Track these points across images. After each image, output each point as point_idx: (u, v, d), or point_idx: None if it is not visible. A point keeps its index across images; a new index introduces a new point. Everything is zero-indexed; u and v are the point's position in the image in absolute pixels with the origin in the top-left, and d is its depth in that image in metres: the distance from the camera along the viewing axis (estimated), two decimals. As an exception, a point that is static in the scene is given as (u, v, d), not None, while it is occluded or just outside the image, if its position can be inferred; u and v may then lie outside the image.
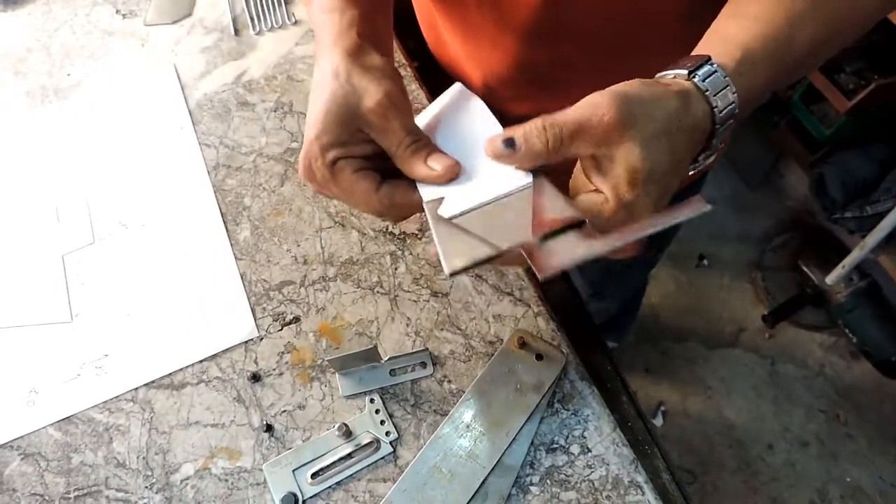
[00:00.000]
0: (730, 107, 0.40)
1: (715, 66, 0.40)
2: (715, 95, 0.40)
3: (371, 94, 0.42)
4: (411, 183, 0.45)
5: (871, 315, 1.55)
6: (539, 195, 0.40)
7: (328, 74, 0.44)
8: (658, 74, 0.42)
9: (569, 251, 0.37)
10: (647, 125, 0.37)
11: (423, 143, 0.44)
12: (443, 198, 0.42)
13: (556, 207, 0.38)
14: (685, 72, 0.40)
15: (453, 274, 0.37)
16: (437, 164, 0.43)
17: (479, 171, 0.43)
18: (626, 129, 0.37)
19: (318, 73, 0.46)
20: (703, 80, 0.39)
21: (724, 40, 0.42)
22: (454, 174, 0.43)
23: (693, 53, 0.42)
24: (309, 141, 0.44)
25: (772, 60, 0.42)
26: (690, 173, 0.44)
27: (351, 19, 0.46)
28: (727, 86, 0.40)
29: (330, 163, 0.43)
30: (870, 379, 1.66)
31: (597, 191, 0.40)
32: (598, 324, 0.67)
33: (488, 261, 0.38)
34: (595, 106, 0.37)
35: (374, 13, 0.49)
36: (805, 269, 1.67)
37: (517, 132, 0.39)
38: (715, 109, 0.40)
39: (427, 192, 0.43)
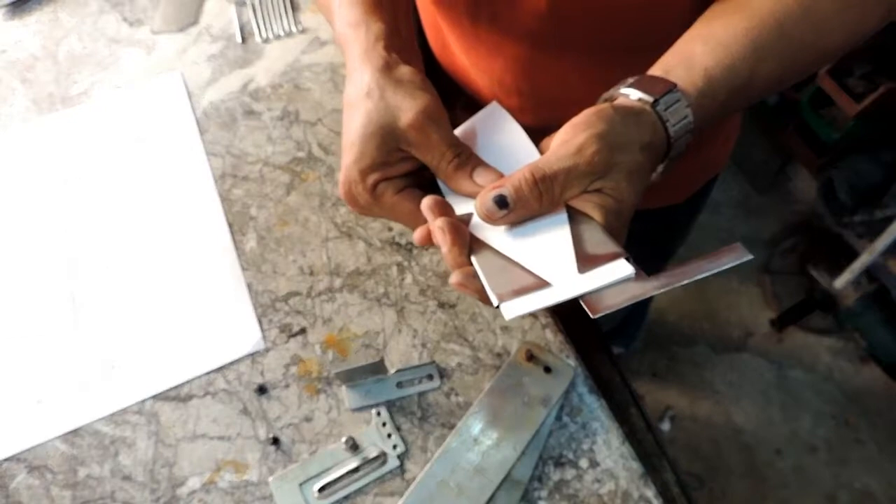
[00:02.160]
0: (684, 136, 0.42)
1: (678, 94, 0.41)
2: (675, 126, 0.41)
3: (406, 110, 0.42)
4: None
5: (880, 319, 1.55)
6: (575, 225, 0.39)
7: (361, 94, 0.43)
8: (624, 89, 0.43)
9: (621, 290, 0.36)
10: (628, 163, 0.39)
11: (466, 155, 0.44)
12: (472, 213, 0.42)
13: (596, 242, 0.38)
14: (651, 98, 0.40)
15: (499, 306, 0.37)
16: (483, 180, 0.43)
17: None
18: (609, 170, 0.38)
19: (349, 91, 0.45)
20: (666, 109, 0.40)
21: (689, 66, 0.43)
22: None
23: (659, 74, 0.43)
24: (347, 166, 0.43)
25: (731, 91, 0.43)
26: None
27: (377, 33, 0.45)
28: (686, 116, 0.41)
29: (371, 187, 0.43)
30: (879, 383, 1.65)
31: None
32: (605, 330, 0.67)
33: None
34: (580, 150, 0.38)
35: (398, 24, 0.48)
36: (813, 273, 1.66)
37: (507, 187, 0.38)
38: (671, 140, 0.41)
39: (458, 207, 0.43)
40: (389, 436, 0.55)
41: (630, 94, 0.42)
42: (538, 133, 0.47)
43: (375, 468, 0.53)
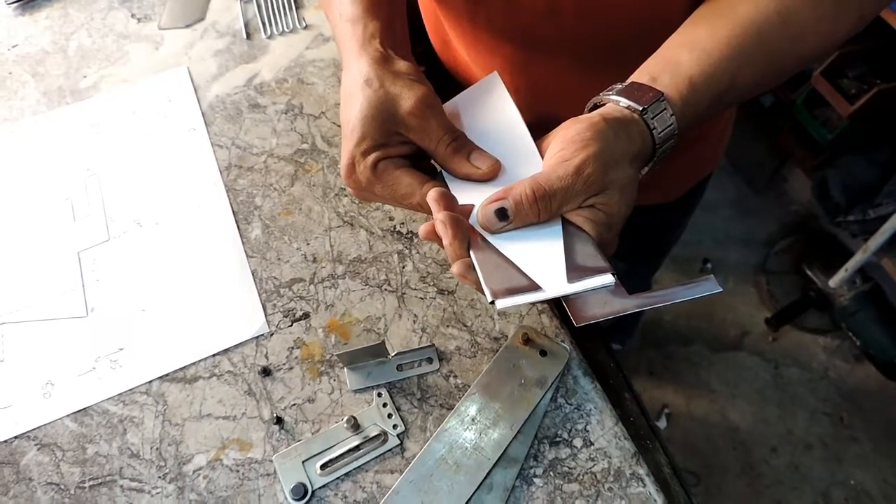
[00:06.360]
0: (668, 142, 0.44)
1: (665, 104, 0.43)
2: (661, 133, 0.43)
3: (406, 97, 0.44)
4: None
5: (874, 318, 1.56)
6: (568, 235, 0.42)
7: (360, 83, 0.46)
8: (613, 96, 0.45)
9: (604, 304, 0.40)
10: (620, 179, 0.42)
11: (463, 140, 0.46)
12: (473, 205, 0.44)
13: (586, 254, 0.41)
14: (639, 107, 0.43)
15: (493, 303, 0.40)
16: (481, 164, 0.45)
17: (502, 175, 0.46)
18: (604, 188, 0.42)
19: (347, 81, 0.47)
20: (653, 118, 0.43)
21: (675, 73, 0.45)
22: (496, 173, 0.46)
23: (645, 81, 0.45)
24: (349, 149, 0.46)
25: (713, 98, 0.45)
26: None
27: (373, 31, 0.48)
28: (671, 124, 0.43)
29: (373, 164, 0.45)
30: (873, 382, 1.67)
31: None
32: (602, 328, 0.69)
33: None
34: (578, 171, 0.40)
35: (394, 23, 0.51)
36: (808, 272, 1.68)
37: (508, 200, 0.41)
38: (657, 146, 0.44)
39: (461, 197, 0.45)
40: (390, 416, 0.56)
41: (619, 102, 0.44)
42: (535, 128, 0.49)
43: (376, 447, 0.55)
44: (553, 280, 0.40)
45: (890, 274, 1.50)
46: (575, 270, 0.40)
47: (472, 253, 0.42)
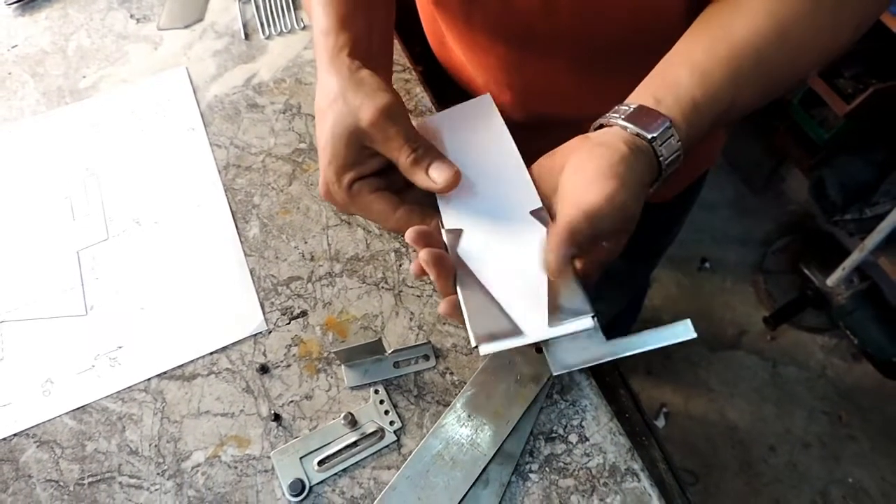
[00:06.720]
0: (673, 167, 0.44)
1: (672, 130, 0.43)
2: (667, 160, 0.43)
3: (366, 108, 0.44)
4: (430, 205, 0.47)
5: (871, 316, 1.57)
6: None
7: (328, 100, 0.46)
8: (621, 121, 0.44)
9: (581, 351, 0.41)
10: (632, 229, 0.43)
11: (424, 150, 0.45)
12: (461, 230, 0.44)
13: (569, 294, 0.41)
14: (649, 135, 0.43)
15: (476, 347, 0.41)
16: (437, 176, 0.45)
17: (492, 198, 0.46)
18: (625, 233, 0.43)
19: (319, 98, 0.47)
20: (661, 145, 0.43)
21: (678, 96, 0.44)
22: (454, 185, 0.45)
23: (650, 104, 0.44)
24: (324, 167, 0.46)
25: (714, 119, 0.45)
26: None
27: (344, 42, 0.48)
28: (677, 150, 0.43)
29: (347, 186, 0.45)
30: (871, 380, 1.67)
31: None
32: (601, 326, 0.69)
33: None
34: (602, 218, 0.40)
35: (369, 34, 0.50)
36: (806, 271, 1.69)
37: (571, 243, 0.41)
38: (662, 172, 0.44)
39: (448, 219, 0.45)
40: (387, 412, 0.57)
41: (627, 128, 0.44)
42: (528, 127, 0.50)
43: (373, 443, 0.55)
44: (534, 323, 0.40)
45: (887, 272, 1.50)
46: (556, 311, 0.40)
47: (458, 289, 0.42)
